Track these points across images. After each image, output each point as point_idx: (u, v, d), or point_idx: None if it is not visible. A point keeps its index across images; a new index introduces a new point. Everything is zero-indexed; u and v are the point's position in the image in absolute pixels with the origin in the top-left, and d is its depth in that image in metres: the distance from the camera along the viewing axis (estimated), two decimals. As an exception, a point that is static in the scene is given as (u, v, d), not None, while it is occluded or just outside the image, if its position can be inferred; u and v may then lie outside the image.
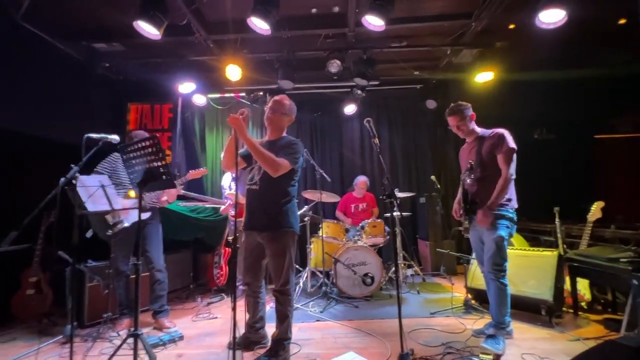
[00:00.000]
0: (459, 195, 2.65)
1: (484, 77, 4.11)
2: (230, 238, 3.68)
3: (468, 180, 2.40)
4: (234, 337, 1.85)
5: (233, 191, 3.68)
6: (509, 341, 2.36)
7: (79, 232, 2.93)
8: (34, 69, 3.44)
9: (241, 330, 2.72)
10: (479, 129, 2.51)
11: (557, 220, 3.32)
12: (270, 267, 2.29)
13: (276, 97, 2.38)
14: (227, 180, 3.91)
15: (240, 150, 2.30)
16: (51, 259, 3.09)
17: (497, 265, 2.28)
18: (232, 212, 3.73)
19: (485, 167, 2.36)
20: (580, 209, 3.31)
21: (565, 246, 3.30)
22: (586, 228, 3.18)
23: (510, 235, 2.34)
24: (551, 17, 2.85)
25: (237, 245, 2.00)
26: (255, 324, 2.45)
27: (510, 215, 2.32)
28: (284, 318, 2.27)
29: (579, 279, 2.92)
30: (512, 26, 3.78)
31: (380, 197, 2.20)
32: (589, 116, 4.58)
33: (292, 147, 2.24)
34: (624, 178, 4.64)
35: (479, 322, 2.72)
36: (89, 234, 2.89)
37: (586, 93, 4.54)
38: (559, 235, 3.28)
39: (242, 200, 3.28)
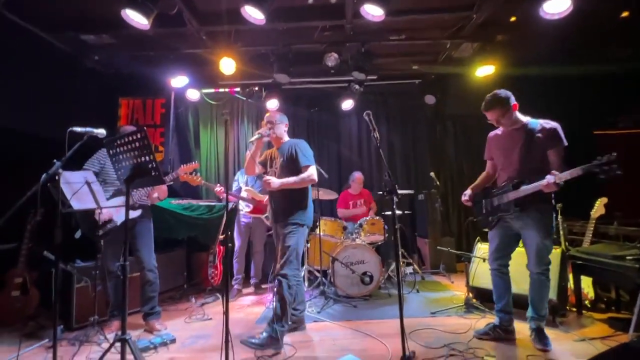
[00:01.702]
0: (480, 182, 2.54)
1: (484, 71, 4.02)
2: (222, 237, 3.59)
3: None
4: (227, 341, 1.76)
5: (250, 187, 3.78)
6: (515, 343, 2.31)
7: (67, 231, 2.83)
8: (18, 62, 3.29)
9: (234, 331, 2.63)
10: (524, 117, 2.27)
11: (559, 217, 3.25)
12: (279, 255, 2.47)
13: (265, 117, 2.65)
14: (242, 176, 3.95)
15: (260, 159, 2.69)
16: (38, 258, 2.97)
17: (547, 265, 2.23)
18: (247, 208, 3.76)
19: (534, 160, 2.17)
20: (583, 205, 3.24)
21: (567, 243, 3.24)
22: (589, 225, 3.12)
23: None
24: (556, 7, 2.76)
25: (230, 244, 1.89)
26: (295, 308, 2.60)
27: (553, 212, 2.26)
28: (282, 302, 2.35)
29: (581, 277, 2.86)
30: (513, 19, 3.70)
31: (380, 192, 2.11)
32: (590, 111, 4.51)
33: (304, 151, 2.52)
34: (625, 174, 4.59)
35: (482, 321, 2.64)
36: (77, 234, 2.77)
37: (587, 88, 4.47)
38: (561, 232, 3.22)
39: (258, 197, 3.70)
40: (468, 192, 2.53)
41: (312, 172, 2.47)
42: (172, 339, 2.52)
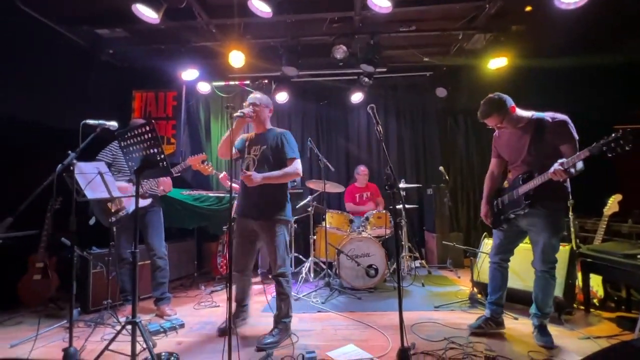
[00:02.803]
0: (488, 187, 2.45)
1: (497, 63, 3.92)
2: (225, 228, 3.68)
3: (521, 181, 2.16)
4: (229, 327, 1.83)
5: None
6: (516, 338, 2.31)
7: (84, 219, 2.97)
8: (36, 56, 3.41)
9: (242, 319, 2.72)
10: (527, 113, 2.18)
11: (570, 213, 3.18)
12: (268, 254, 2.42)
13: (249, 98, 2.47)
14: None
15: (236, 143, 2.51)
16: (57, 245, 3.13)
17: (552, 263, 2.20)
18: None
19: (545, 156, 2.06)
20: (596, 202, 3.16)
21: (577, 241, 3.17)
22: (601, 222, 3.04)
23: None
24: (572, -4, 2.66)
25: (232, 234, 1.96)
26: (243, 301, 2.58)
27: (564, 210, 2.22)
28: (285, 298, 2.38)
29: (591, 275, 2.80)
30: (528, 8, 3.57)
31: (385, 187, 2.12)
32: (608, 105, 4.33)
33: (290, 142, 2.41)
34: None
35: (484, 317, 2.64)
36: (91, 221, 2.91)
37: (605, 80, 4.29)
38: (572, 229, 3.15)
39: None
40: (484, 209, 2.44)
41: (298, 165, 2.37)
42: (181, 324, 2.64)
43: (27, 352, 2.23)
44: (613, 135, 1.71)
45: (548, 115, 2.15)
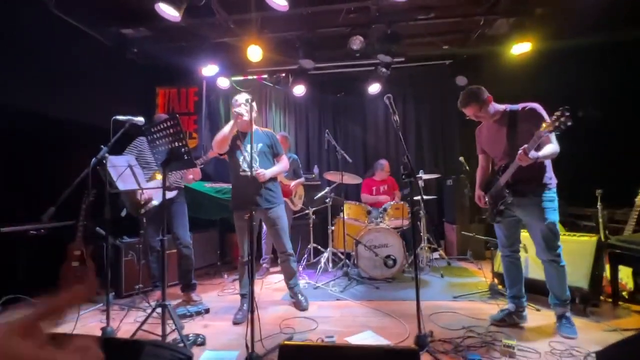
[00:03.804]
0: (480, 178, 2.53)
1: (520, 48, 3.77)
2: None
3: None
4: (251, 311, 1.92)
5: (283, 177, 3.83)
6: (537, 329, 2.28)
7: (114, 210, 3.17)
8: (67, 57, 3.61)
9: (262, 304, 2.83)
10: (501, 106, 2.29)
11: (598, 203, 3.06)
12: (273, 237, 2.79)
13: (240, 97, 2.67)
14: None
15: None
16: (92, 234, 3.36)
17: (554, 250, 2.18)
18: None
19: (522, 145, 2.06)
20: (628, 191, 3.02)
21: (607, 232, 3.05)
22: (632, 212, 2.91)
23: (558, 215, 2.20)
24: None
25: (254, 223, 2.06)
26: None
27: (555, 195, 2.18)
28: (293, 272, 2.81)
29: (621, 267, 2.70)
30: (555, -11, 3.41)
31: (402, 176, 2.14)
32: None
33: (278, 141, 2.81)
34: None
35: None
36: (123, 212, 3.09)
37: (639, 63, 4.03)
38: (600, 220, 3.03)
39: (284, 181, 3.82)
40: (479, 193, 2.51)
41: (286, 160, 2.84)
42: (206, 309, 2.78)
43: (68, 331, 2.42)
44: (555, 115, 1.83)
45: (520, 106, 2.21)
